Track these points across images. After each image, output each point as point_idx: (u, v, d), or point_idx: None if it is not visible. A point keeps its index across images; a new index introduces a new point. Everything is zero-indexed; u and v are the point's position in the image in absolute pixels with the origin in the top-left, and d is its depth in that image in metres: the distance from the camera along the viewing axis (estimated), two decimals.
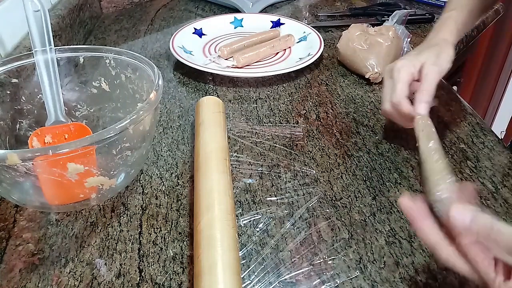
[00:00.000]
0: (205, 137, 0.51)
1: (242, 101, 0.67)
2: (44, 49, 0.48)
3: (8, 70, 0.49)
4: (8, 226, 0.46)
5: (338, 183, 0.51)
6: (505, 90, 1.60)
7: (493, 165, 0.53)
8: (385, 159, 0.55)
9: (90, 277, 0.40)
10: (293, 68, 0.71)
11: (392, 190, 0.50)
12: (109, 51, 0.53)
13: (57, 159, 0.37)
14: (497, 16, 1.09)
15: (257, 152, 0.56)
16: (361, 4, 1.07)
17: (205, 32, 0.86)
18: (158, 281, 0.40)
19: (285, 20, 0.90)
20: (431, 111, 0.47)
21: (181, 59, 0.73)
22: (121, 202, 0.49)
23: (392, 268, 0.41)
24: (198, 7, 1.07)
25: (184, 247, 0.43)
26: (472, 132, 0.59)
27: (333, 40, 0.87)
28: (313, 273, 0.40)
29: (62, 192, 0.44)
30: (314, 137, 0.59)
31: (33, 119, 0.52)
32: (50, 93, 0.48)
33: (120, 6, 1.07)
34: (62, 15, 0.78)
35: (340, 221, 0.46)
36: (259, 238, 0.44)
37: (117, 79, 0.54)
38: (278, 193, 0.49)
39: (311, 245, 0.43)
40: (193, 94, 0.69)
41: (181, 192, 0.50)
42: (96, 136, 0.37)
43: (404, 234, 0.44)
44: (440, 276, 0.40)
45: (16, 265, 0.42)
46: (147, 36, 0.90)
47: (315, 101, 0.67)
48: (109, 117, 0.56)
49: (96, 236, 0.45)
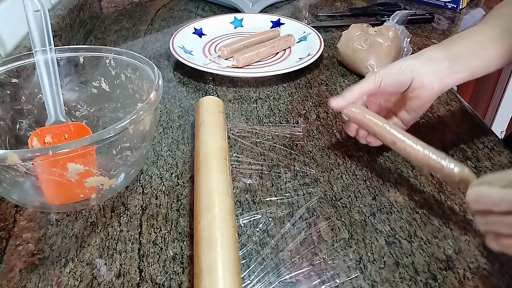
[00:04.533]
0: (205, 137, 0.51)
1: (242, 101, 0.67)
2: (44, 49, 0.48)
3: (8, 70, 0.49)
4: (8, 226, 0.46)
5: (338, 183, 0.51)
6: (505, 90, 1.60)
7: (493, 165, 0.53)
8: (385, 159, 0.55)
9: (90, 277, 0.40)
10: (293, 68, 0.71)
11: (392, 190, 0.50)
12: (109, 51, 0.53)
13: (57, 159, 0.37)
14: None
15: (257, 152, 0.56)
16: (361, 4, 1.07)
17: (205, 32, 0.86)
18: (158, 281, 0.40)
19: (285, 20, 0.90)
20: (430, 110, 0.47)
21: (181, 59, 0.73)
22: (121, 202, 0.49)
23: (392, 268, 0.41)
24: (198, 7, 1.07)
25: (184, 247, 0.43)
26: (472, 132, 0.59)
27: (333, 40, 0.87)
28: (313, 273, 0.40)
29: (62, 192, 0.44)
30: (314, 137, 0.59)
31: (33, 119, 0.52)
32: (50, 93, 0.48)
33: (120, 6, 1.07)
34: (62, 15, 0.78)
35: (340, 221, 0.46)
36: (259, 238, 0.44)
37: (117, 79, 0.54)
38: (278, 193, 0.49)
39: (311, 245, 0.43)
40: (193, 94, 0.69)
41: (181, 192, 0.50)
42: (96, 136, 0.38)
43: (404, 234, 0.44)
44: (440, 276, 0.40)
45: (16, 265, 0.42)
46: (147, 36, 0.90)
47: (315, 101, 0.67)
48: (109, 117, 0.56)
49: (96, 236, 0.45)
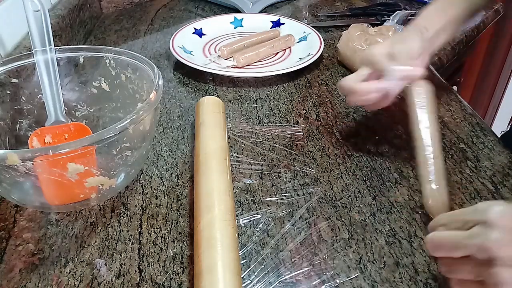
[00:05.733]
0: (205, 137, 0.51)
1: (242, 101, 0.67)
2: (44, 49, 0.48)
3: (8, 70, 0.49)
4: (8, 226, 0.46)
5: (338, 183, 0.51)
6: (505, 90, 1.60)
7: (493, 165, 0.53)
8: (385, 159, 0.55)
9: (90, 277, 0.40)
10: (293, 68, 0.71)
11: (392, 190, 0.50)
12: (109, 51, 0.53)
13: (57, 159, 0.37)
14: (497, 16, 1.09)
15: (257, 152, 0.56)
16: (361, 4, 1.07)
17: (205, 32, 0.86)
18: (158, 281, 0.40)
19: (285, 20, 0.90)
20: None
21: (181, 59, 0.73)
22: (121, 202, 0.49)
23: (392, 268, 0.41)
24: (198, 7, 1.07)
25: (184, 247, 0.43)
26: (472, 132, 0.59)
27: (333, 40, 0.87)
28: (313, 273, 0.40)
29: (62, 192, 0.44)
30: (314, 137, 0.59)
31: (33, 119, 0.52)
32: (50, 93, 0.48)
33: (120, 6, 1.07)
34: (62, 15, 0.78)
35: (340, 221, 0.46)
36: (259, 238, 0.44)
37: (117, 79, 0.54)
38: (278, 193, 0.49)
39: (311, 245, 0.43)
40: (193, 94, 0.69)
41: (181, 192, 0.50)
42: (96, 136, 0.38)
43: (404, 234, 0.44)
44: (440, 276, 0.40)
45: (16, 265, 0.42)
46: (147, 36, 0.90)
47: (315, 101, 0.67)
48: (109, 117, 0.56)
49: (96, 236, 0.45)
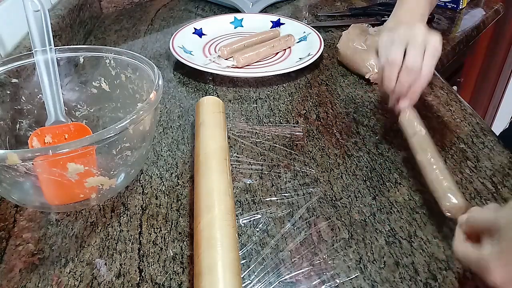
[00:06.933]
0: (205, 137, 0.51)
1: (242, 101, 0.67)
2: (44, 49, 0.48)
3: (8, 70, 0.49)
4: (8, 226, 0.46)
5: (338, 183, 0.51)
6: (505, 90, 1.60)
7: (493, 165, 0.53)
8: (385, 159, 0.55)
9: (90, 277, 0.40)
10: (293, 68, 0.71)
11: (392, 190, 0.50)
12: (109, 51, 0.53)
13: (57, 159, 0.38)
14: (497, 16, 1.09)
15: (257, 152, 0.56)
16: (361, 4, 1.07)
17: (205, 32, 0.86)
18: (158, 281, 0.40)
19: (285, 20, 0.90)
20: (430, 110, 0.47)
21: (181, 59, 0.73)
22: (121, 202, 0.49)
23: (392, 268, 0.41)
24: (198, 7, 1.07)
25: (184, 247, 0.43)
26: (472, 132, 0.59)
27: (333, 40, 0.87)
28: (313, 273, 0.40)
29: (62, 192, 0.44)
30: (314, 137, 0.59)
31: (33, 119, 0.52)
32: (50, 93, 0.48)
33: (120, 6, 1.07)
34: (62, 15, 0.78)
35: (340, 221, 0.46)
36: (259, 238, 0.44)
37: (117, 79, 0.54)
38: (278, 193, 0.49)
39: (311, 245, 0.43)
40: (193, 94, 0.69)
41: (181, 192, 0.50)
42: (96, 136, 0.38)
43: (404, 234, 0.44)
44: (440, 276, 0.40)
45: (16, 265, 0.42)
46: (147, 36, 0.90)
47: (315, 101, 0.67)
48: (109, 117, 0.56)
49: (96, 236, 0.45)
